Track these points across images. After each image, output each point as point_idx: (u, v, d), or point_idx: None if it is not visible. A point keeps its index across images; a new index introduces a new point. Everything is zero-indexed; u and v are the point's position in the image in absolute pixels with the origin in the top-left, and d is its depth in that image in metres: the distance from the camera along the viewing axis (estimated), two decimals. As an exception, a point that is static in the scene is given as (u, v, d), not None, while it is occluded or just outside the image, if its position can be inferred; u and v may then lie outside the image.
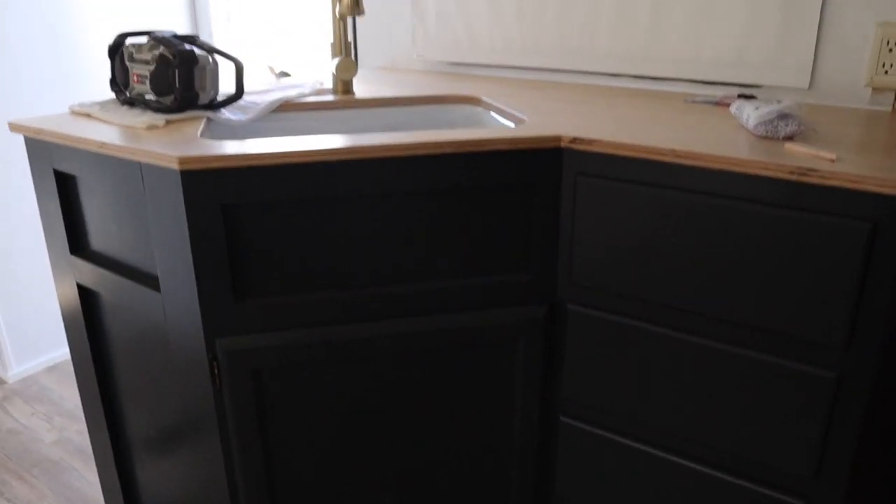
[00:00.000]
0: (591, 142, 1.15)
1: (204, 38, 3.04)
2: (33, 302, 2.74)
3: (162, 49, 1.40)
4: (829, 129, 1.28)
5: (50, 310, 2.79)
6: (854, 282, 1.01)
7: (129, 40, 1.53)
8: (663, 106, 1.53)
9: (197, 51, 1.41)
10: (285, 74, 4.66)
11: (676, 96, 1.67)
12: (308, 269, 1.20)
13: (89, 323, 1.48)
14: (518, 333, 1.29)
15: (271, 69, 4.49)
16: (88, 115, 1.46)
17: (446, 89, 1.74)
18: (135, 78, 1.49)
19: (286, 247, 1.18)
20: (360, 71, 2.11)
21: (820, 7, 1.52)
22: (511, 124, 1.42)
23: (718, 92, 1.67)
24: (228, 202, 1.12)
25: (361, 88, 1.72)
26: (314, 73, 2.01)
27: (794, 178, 1.01)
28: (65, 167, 1.36)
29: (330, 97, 1.61)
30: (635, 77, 1.78)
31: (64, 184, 1.40)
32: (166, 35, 1.43)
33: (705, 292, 1.13)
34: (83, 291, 1.45)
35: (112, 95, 1.60)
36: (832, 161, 1.04)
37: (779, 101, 1.23)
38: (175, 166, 1.07)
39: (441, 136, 1.15)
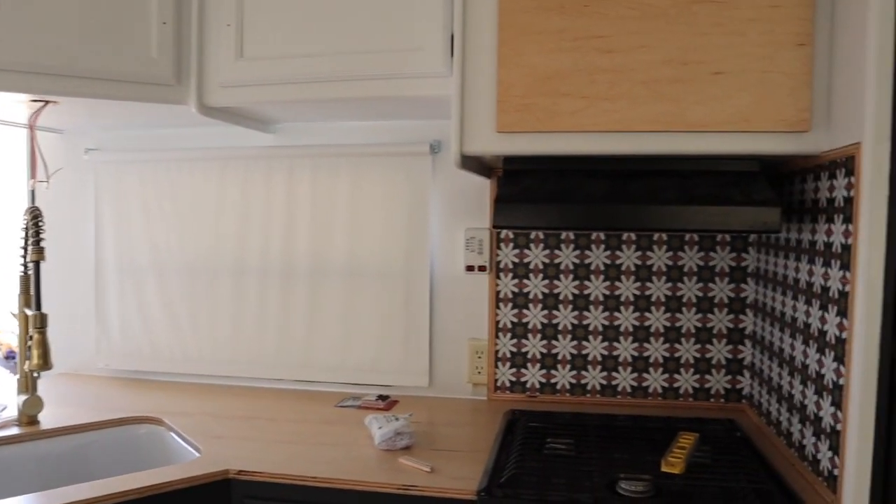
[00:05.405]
0: (252, 473, 1.47)
1: None
2: None
3: None
4: (441, 425, 1.77)
5: None
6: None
7: None
8: (319, 410, 1.93)
9: None
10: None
11: (330, 396, 2.07)
12: None
13: None
14: None
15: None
16: None
17: (130, 403, 1.98)
18: None
19: None
20: (43, 377, 2.23)
21: (429, 328, 2.06)
22: (190, 448, 1.68)
23: (363, 391, 2.10)
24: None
25: (47, 412, 1.87)
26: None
27: (401, 491, 1.41)
28: None
29: (15, 430, 1.75)
30: (296, 381, 2.16)
31: None
32: None
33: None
34: None
35: None
36: (429, 472, 1.46)
37: (397, 419, 1.66)
38: None
39: (126, 485, 1.38)
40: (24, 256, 1.83)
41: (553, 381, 2.02)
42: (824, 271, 1.39)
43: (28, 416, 1.79)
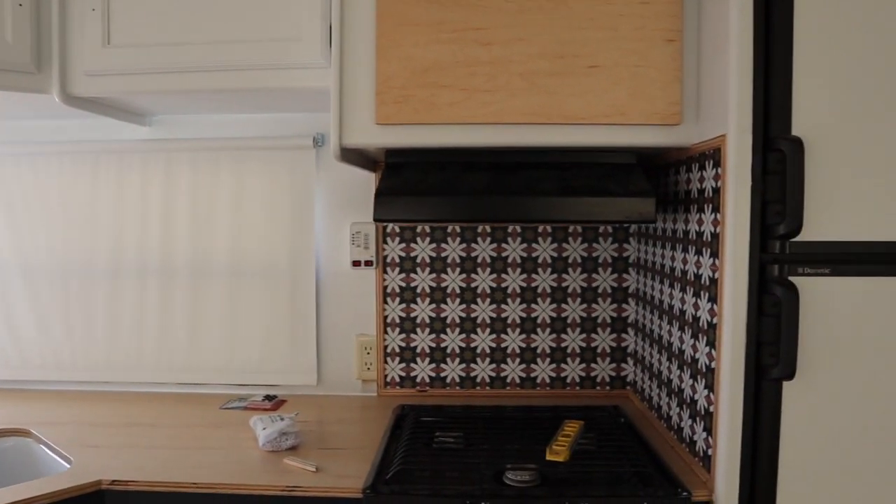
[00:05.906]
0: (127, 482, 1.39)
1: None
2: None
3: None
4: (330, 423, 1.75)
5: None
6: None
7: None
8: (202, 413, 1.85)
9: None
10: None
11: (216, 398, 1.99)
12: None
13: None
14: None
15: None
16: None
17: (-5, 415, 1.84)
18: None
19: None
20: None
21: (316, 325, 2.02)
22: (60, 460, 1.58)
23: (249, 391, 2.04)
24: None
25: None
26: None
27: (285, 493, 1.37)
28: None
29: None
30: (178, 384, 2.07)
31: None
32: None
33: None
34: None
35: None
36: (314, 472, 1.43)
37: (282, 419, 1.62)
38: None
39: (-16, 502, 1.29)
40: None
41: (443, 374, 2.02)
42: (696, 259, 1.44)
43: None
